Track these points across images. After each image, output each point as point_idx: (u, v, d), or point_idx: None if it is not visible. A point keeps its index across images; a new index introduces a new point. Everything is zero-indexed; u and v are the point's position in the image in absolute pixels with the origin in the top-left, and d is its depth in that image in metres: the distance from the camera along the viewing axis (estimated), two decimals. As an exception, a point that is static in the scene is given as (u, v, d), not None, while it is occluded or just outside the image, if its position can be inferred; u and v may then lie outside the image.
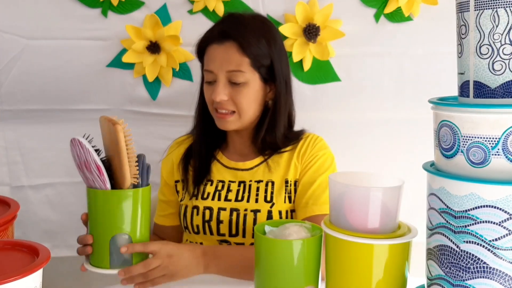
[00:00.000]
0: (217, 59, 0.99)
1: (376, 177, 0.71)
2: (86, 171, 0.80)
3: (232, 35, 0.99)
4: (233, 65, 0.99)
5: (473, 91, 0.60)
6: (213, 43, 1.01)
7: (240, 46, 0.99)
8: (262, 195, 1.03)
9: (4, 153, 1.30)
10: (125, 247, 0.81)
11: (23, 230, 1.33)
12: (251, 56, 0.99)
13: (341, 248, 0.65)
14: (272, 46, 1.02)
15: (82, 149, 0.79)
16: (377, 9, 1.28)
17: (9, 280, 0.57)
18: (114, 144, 0.80)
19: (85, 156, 0.79)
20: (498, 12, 0.57)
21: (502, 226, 0.56)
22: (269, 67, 1.02)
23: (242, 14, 1.05)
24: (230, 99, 1.00)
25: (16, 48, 1.25)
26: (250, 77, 1.00)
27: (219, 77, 1.00)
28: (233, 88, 1.00)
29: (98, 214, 0.82)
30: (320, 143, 1.07)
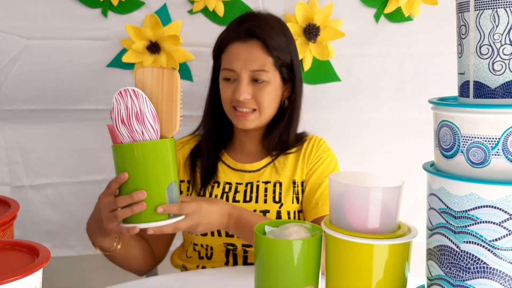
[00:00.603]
0: (241, 57, 0.99)
1: (376, 177, 0.71)
2: (136, 123, 0.79)
3: (256, 34, 0.99)
4: (257, 64, 0.99)
5: (473, 91, 0.60)
6: (235, 42, 1.00)
7: (265, 45, 0.99)
8: (271, 195, 1.03)
9: (4, 153, 1.30)
10: (161, 208, 0.79)
11: (23, 230, 1.33)
12: (274, 55, 1.00)
13: (341, 248, 0.65)
14: (291, 46, 1.04)
15: (137, 99, 0.79)
16: (377, 9, 1.28)
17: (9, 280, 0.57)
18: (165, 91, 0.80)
19: (139, 106, 0.79)
20: (498, 12, 0.57)
21: (502, 226, 0.56)
22: (289, 66, 1.03)
23: (261, 13, 1.05)
24: (252, 98, 1.00)
25: (16, 48, 1.25)
26: (272, 76, 1.00)
27: (242, 76, 0.99)
28: (255, 86, 1.00)
29: (151, 165, 0.79)
30: (324, 145, 1.08)
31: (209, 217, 0.87)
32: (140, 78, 0.84)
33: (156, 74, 0.82)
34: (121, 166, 0.81)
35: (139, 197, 0.79)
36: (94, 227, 0.90)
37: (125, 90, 0.80)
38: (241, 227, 0.92)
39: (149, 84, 0.83)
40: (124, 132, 0.80)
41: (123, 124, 0.80)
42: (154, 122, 0.80)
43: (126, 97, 0.80)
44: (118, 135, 0.81)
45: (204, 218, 0.86)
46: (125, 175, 0.79)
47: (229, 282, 0.91)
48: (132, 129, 0.80)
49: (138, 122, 0.79)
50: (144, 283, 0.93)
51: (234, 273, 0.96)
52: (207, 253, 1.06)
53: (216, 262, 1.05)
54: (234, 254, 1.05)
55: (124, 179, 0.80)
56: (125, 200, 0.80)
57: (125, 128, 0.80)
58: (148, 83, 0.83)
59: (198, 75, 1.32)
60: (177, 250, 1.16)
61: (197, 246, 1.06)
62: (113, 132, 0.82)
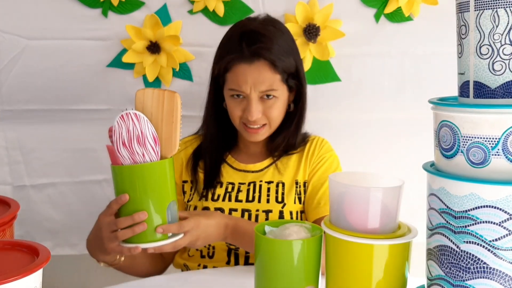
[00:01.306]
0: (249, 79, 0.97)
1: (376, 177, 0.71)
2: (137, 145, 0.80)
3: (262, 54, 0.97)
4: (266, 85, 0.98)
5: (473, 91, 0.60)
6: (241, 63, 0.98)
7: (272, 64, 0.97)
8: (273, 195, 1.03)
9: (5, 153, 1.30)
10: (161, 228, 0.80)
11: (25, 229, 1.33)
12: (281, 72, 0.99)
13: (341, 248, 0.65)
14: (294, 53, 1.03)
15: (138, 122, 0.80)
16: (377, 9, 1.28)
17: (9, 280, 0.57)
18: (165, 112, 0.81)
19: (140, 129, 0.80)
20: (498, 12, 0.57)
21: (502, 226, 0.56)
22: (294, 74, 1.02)
23: (261, 24, 1.01)
24: (262, 114, 1.00)
25: (16, 48, 1.25)
26: (280, 91, 1.00)
27: (252, 97, 0.99)
28: (265, 103, 1.00)
29: (152, 186, 0.81)
30: (326, 145, 1.09)
31: (206, 231, 0.89)
32: (141, 99, 0.84)
33: (157, 96, 0.83)
34: (121, 187, 0.82)
35: (140, 218, 0.80)
36: (95, 245, 0.91)
37: (127, 114, 0.80)
38: (238, 237, 0.93)
39: (149, 105, 0.83)
40: (125, 154, 0.81)
41: (124, 146, 0.81)
42: (155, 144, 0.81)
43: (127, 121, 0.80)
44: (118, 156, 0.82)
45: (202, 232, 0.88)
46: (126, 197, 0.80)
47: (229, 282, 0.91)
48: (133, 151, 0.81)
49: (139, 145, 0.80)
50: (145, 283, 0.93)
51: (234, 273, 0.96)
52: (209, 252, 1.06)
53: (217, 261, 1.05)
54: (236, 254, 1.05)
55: (125, 201, 0.81)
56: (126, 221, 0.80)
57: (126, 151, 0.81)
58: (148, 104, 0.84)
59: (198, 75, 1.32)
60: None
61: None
62: (113, 153, 0.82)
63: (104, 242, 0.85)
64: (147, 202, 0.80)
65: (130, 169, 0.80)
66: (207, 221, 0.89)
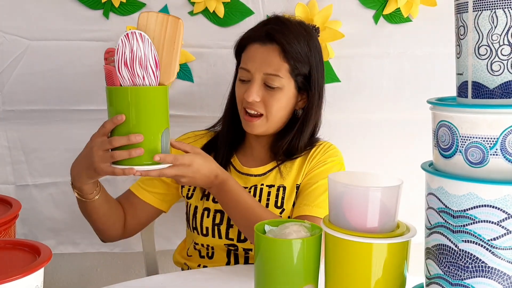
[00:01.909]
0: (257, 59, 0.98)
1: (375, 177, 0.71)
2: (139, 67, 0.79)
3: (276, 38, 0.98)
4: (271, 68, 0.98)
5: (472, 91, 0.61)
6: (255, 43, 1.00)
7: (283, 50, 0.97)
8: (273, 200, 1.03)
9: (7, 152, 1.31)
10: (158, 156, 0.80)
11: (28, 227, 1.34)
12: (291, 62, 0.98)
13: (340, 247, 0.66)
14: (313, 56, 1.02)
15: (143, 43, 0.79)
16: (376, 10, 1.29)
17: (11, 279, 0.57)
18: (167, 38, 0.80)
19: (143, 51, 0.79)
20: (497, 13, 0.57)
21: (501, 226, 0.56)
22: (306, 77, 1.02)
23: (288, 19, 1.04)
24: (261, 101, 1.00)
25: (18, 49, 1.25)
26: (286, 83, 0.99)
27: (255, 77, 0.99)
28: (267, 91, 0.99)
29: (150, 110, 0.80)
30: (332, 151, 1.07)
31: (196, 173, 0.88)
32: (143, 22, 0.83)
33: (161, 20, 0.82)
34: (118, 108, 0.81)
35: (136, 140, 0.79)
36: (82, 166, 0.88)
37: (132, 33, 0.79)
38: (223, 192, 0.93)
39: (152, 29, 0.82)
40: (126, 75, 0.80)
41: (125, 67, 0.80)
42: (156, 68, 0.80)
43: (132, 40, 0.79)
44: (119, 77, 0.80)
45: (191, 172, 0.87)
46: (122, 117, 0.79)
47: (229, 281, 0.92)
48: (134, 73, 0.80)
49: (141, 67, 0.80)
50: (145, 282, 0.94)
51: (234, 272, 0.96)
52: (208, 253, 1.06)
53: (217, 262, 1.05)
54: (236, 254, 1.05)
55: (121, 121, 0.80)
56: (121, 140, 0.79)
57: (127, 71, 0.80)
58: (151, 28, 0.82)
59: (198, 76, 1.32)
60: (178, 247, 1.16)
61: (198, 246, 1.06)
62: (110, 74, 0.81)
63: (95, 161, 0.82)
64: (143, 125, 0.80)
65: (131, 90, 0.80)
66: (202, 163, 0.89)
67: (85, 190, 0.92)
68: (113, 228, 1.03)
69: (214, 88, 1.32)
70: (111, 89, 0.82)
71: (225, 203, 0.95)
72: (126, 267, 1.51)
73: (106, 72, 0.82)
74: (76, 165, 0.91)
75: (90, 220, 1.00)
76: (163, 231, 1.34)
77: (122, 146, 0.81)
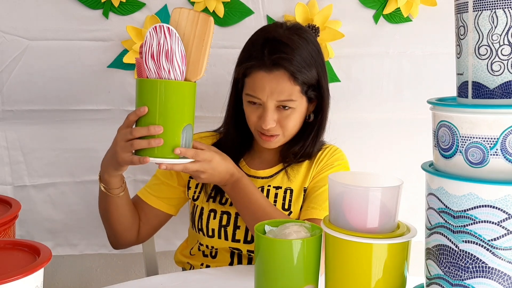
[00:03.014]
0: (267, 88, 0.96)
1: (375, 177, 0.71)
2: (165, 60, 0.80)
3: (282, 64, 0.95)
4: (284, 95, 0.96)
5: (472, 91, 0.61)
6: (260, 70, 0.96)
7: (292, 75, 0.95)
8: (280, 202, 1.03)
9: (5, 153, 1.31)
10: (179, 150, 0.82)
11: (26, 228, 1.33)
12: (301, 83, 0.97)
13: (341, 248, 0.66)
14: (318, 64, 1.00)
15: (170, 37, 0.80)
16: (376, 10, 1.29)
17: (10, 279, 0.57)
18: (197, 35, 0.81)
19: (170, 44, 0.80)
20: (497, 13, 0.57)
21: (501, 226, 0.56)
22: (315, 86, 1.01)
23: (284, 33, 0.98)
24: (277, 124, 0.99)
25: (17, 49, 1.25)
26: (299, 103, 0.99)
27: (268, 105, 0.97)
28: (281, 113, 0.99)
29: (172, 104, 0.82)
30: (338, 154, 1.07)
31: (215, 169, 0.91)
32: (176, 17, 0.84)
33: (192, 17, 0.83)
34: (142, 100, 0.83)
35: (156, 131, 0.81)
36: (109, 157, 0.91)
37: (160, 26, 0.80)
38: (236, 190, 0.96)
39: (183, 25, 0.83)
40: (152, 67, 0.81)
41: (152, 59, 0.81)
42: (182, 63, 0.81)
43: (160, 33, 0.80)
44: (145, 69, 0.82)
45: (210, 168, 0.90)
46: (145, 109, 0.81)
47: (229, 281, 0.92)
48: (160, 66, 0.81)
49: (167, 60, 0.80)
50: (145, 282, 0.94)
51: (234, 272, 0.97)
52: (211, 252, 1.06)
53: (220, 261, 1.05)
54: (239, 255, 1.05)
55: (143, 112, 0.82)
56: (141, 131, 0.82)
57: (153, 64, 0.81)
58: (182, 24, 0.83)
59: (198, 76, 1.32)
60: (180, 247, 1.15)
61: (202, 246, 1.06)
62: (140, 66, 0.83)
63: (117, 151, 0.85)
64: (164, 119, 0.82)
65: (154, 83, 0.81)
66: (220, 161, 0.92)
67: (111, 183, 0.94)
68: (129, 232, 1.04)
69: (214, 88, 1.32)
70: (138, 80, 0.84)
71: (237, 201, 0.96)
72: (126, 268, 1.51)
73: (136, 64, 0.85)
74: (104, 157, 0.94)
75: (110, 219, 1.01)
76: (163, 232, 1.34)
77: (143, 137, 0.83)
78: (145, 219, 1.07)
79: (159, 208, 1.08)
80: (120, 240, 1.05)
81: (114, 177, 0.94)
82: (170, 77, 0.82)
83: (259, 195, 0.97)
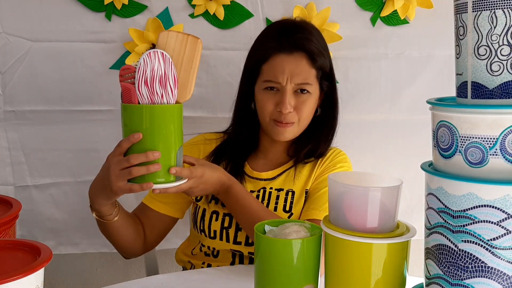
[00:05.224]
0: (286, 70, 0.97)
1: (375, 177, 0.71)
2: (158, 86, 0.80)
3: (302, 45, 0.97)
4: (302, 77, 0.97)
5: (471, 91, 0.61)
6: (280, 53, 0.97)
7: (310, 57, 0.97)
8: (281, 204, 1.03)
9: (7, 153, 1.31)
10: (174, 169, 0.82)
11: (28, 228, 1.33)
12: (318, 67, 0.99)
13: (340, 247, 0.66)
14: (328, 54, 1.03)
15: (164, 62, 0.80)
16: (373, 13, 1.30)
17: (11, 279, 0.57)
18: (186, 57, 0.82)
19: (164, 70, 0.80)
20: (496, 13, 0.58)
21: (500, 226, 0.56)
22: (328, 75, 1.02)
23: (300, 21, 1.03)
24: (294, 110, 0.99)
25: (21, 50, 1.26)
26: (314, 88, 1.00)
27: (287, 89, 0.97)
28: (298, 98, 0.99)
29: (168, 128, 0.81)
30: (341, 156, 1.08)
31: (207, 183, 0.91)
32: (163, 40, 0.84)
33: (180, 40, 0.83)
34: (135, 126, 0.81)
35: (154, 156, 0.79)
36: (99, 187, 0.89)
37: (154, 52, 0.80)
38: (229, 197, 0.96)
39: (171, 48, 0.83)
40: (145, 93, 0.81)
41: (145, 85, 0.80)
42: (174, 87, 0.81)
43: (154, 59, 0.80)
44: (137, 95, 0.81)
45: (202, 183, 0.90)
46: (139, 135, 0.80)
47: (230, 281, 0.91)
48: (153, 92, 0.80)
49: (160, 85, 0.80)
50: (145, 282, 0.94)
51: (234, 272, 0.96)
52: (213, 252, 1.06)
53: (222, 261, 1.05)
54: (241, 255, 1.04)
55: (137, 139, 0.80)
56: (139, 158, 0.80)
57: (146, 90, 0.80)
58: (170, 46, 0.83)
59: (199, 77, 1.31)
60: (182, 246, 1.15)
61: (204, 247, 1.06)
62: (128, 91, 0.82)
63: (112, 180, 0.82)
64: (159, 143, 0.81)
65: (151, 108, 0.80)
66: (211, 173, 0.92)
67: (103, 211, 0.92)
68: (134, 245, 1.04)
69: (214, 89, 1.32)
70: (128, 106, 0.82)
71: (231, 207, 0.97)
72: (126, 267, 1.51)
73: (123, 89, 0.83)
74: (93, 187, 0.91)
75: (110, 240, 1.01)
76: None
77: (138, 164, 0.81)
78: (151, 226, 1.07)
79: (165, 213, 1.08)
80: (127, 252, 1.05)
81: (105, 206, 0.92)
82: (162, 101, 0.81)
83: (252, 200, 0.96)
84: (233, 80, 1.30)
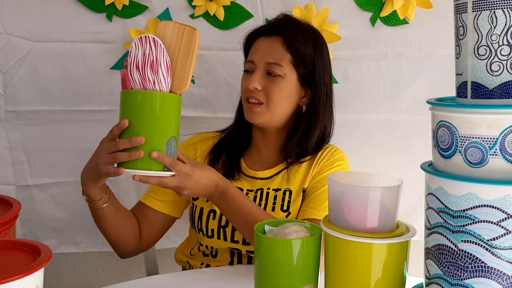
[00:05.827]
0: (261, 50, 1.02)
1: (374, 177, 0.71)
2: (150, 71, 0.79)
3: (280, 30, 1.02)
4: (274, 57, 1.00)
5: (471, 91, 0.61)
6: (261, 36, 1.04)
7: (286, 41, 1.01)
8: (279, 203, 1.03)
9: (8, 153, 1.31)
10: (156, 153, 0.79)
11: (29, 228, 1.33)
12: (293, 53, 1.01)
13: (340, 247, 0.66)
14: (318, 53, 1.04)
15: (155, 48, 0.79)
16: (373, 13, 1.30)
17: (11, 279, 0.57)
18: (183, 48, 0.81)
19: (155, 55, 0.79)
20: (496, 14, 0.58)
21: (500, 226, 0.56)
22: (310, 72, 1.03)
23: (297, 18, 1.08)
24: (263, 90, 1.01)
25: (22, 50, 1.26)
26: (287, 72, 1.01)
27: (258, 67, 1.01)
28: (268, 80, 1.01)
29: (156, 116, 0.80)
30: (338, 155, 1.07)
31: (197, 183, 0.87)
32: (161, 31, 0.83)
33: (177, 30, 0.82)
34: (126, 111, 0.81)
35: (137, 142, 0.79)
36: (88, 169, 0.89)
37: (145, 37, 0.80)
38: (224, 200, 0.92)
39: (169, 38, 0.82)
40: (137, 79, 0.80)
41: (137, 70, 0.80)
42: (167, 75, 0.80)
43: (145, 44, 0.79)
44: (130, 80, 0.81)
45: (192, 184, 0.86)
46: (126, 122, 0.80)
47: (229, 281, 0.91)
48: (145, 77, 0.80)
49: (152, 71, 0.79)
50: (145, 282, 0.94)
51: (234, 272, 0.96)
52: (212, 252, 1.06)
53: (220, 261, 1.05)
54: (239, 254, 1.04)
55: (124, 126, 0.80)
56: (123, 143, 0.80)
57: (138, 75, 0.80)
58: (167, 37, 0.82)
59: (199, 78, 1.33)
60: (181, 246, 1.15)
61: (202, 247, 1.06)
62: (125, 78, 0.82)
63: (99, 163, 0.83)
64: (147, 130, 0.79)
65: (138, 94, 0.80)
66: (202, 173, 0.88)
67: (92, 195, 0.92)
68: (126, 240, 1.03)
69: (215, 89, 1.32)
70: (122, 92, 0.83)
71: (226, 211, 0.94)
72: (126, 267, 1.51)
73: (121, 76, 0.83)
74: (84, 169, 0.92)
75: (101, 230, 1.01)
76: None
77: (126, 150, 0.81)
78: (148, 224, 1.06)
79: (163, 211, 1.07)
80: (119, 247, 1.04)
81: (94, 189, 0.91)
82: (155, 88, 0.80)
83: (248, 203, 0.95)
84: (233, 80, 1.30)
